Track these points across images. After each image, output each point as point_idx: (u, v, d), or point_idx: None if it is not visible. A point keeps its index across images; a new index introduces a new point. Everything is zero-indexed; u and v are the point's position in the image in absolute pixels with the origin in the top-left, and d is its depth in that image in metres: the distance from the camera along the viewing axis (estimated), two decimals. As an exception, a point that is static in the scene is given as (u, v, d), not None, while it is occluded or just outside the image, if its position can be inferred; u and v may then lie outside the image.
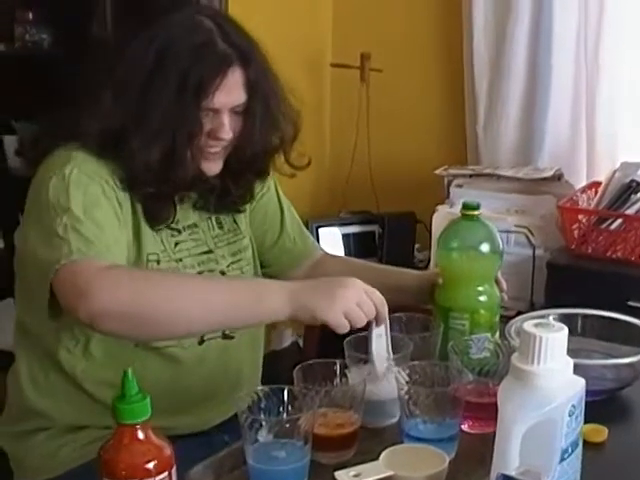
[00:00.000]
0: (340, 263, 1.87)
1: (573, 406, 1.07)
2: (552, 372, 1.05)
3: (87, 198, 1.40)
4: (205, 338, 1.56)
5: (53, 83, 3.42)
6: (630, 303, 2.14)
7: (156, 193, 1.50)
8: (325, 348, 1.40)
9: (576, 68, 2.67)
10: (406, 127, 3.11)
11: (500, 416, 1.07)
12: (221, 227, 1.66)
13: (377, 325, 1.36)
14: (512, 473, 0.97)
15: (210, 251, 1.62)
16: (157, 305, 1.30)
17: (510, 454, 1.05)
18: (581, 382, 1.09)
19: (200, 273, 1.57)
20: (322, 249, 1.90)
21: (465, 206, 1.52)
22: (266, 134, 1.54)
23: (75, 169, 1.42)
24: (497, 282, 1.56)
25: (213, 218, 1.65)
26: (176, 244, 1.56)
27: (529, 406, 1.04)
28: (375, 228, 2.95)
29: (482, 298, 1.51)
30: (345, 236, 2.96)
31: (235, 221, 1.68)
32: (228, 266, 1.63)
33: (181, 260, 1.55)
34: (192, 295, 1.33)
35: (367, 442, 1.30)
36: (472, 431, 1.35)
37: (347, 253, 2.93)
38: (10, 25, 3.44)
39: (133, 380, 1.00)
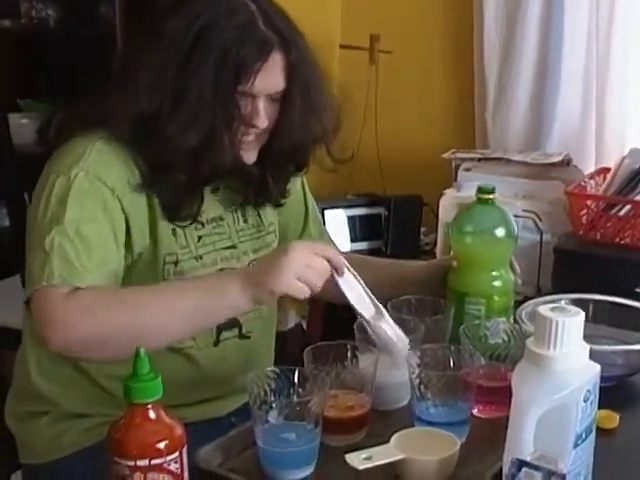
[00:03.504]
0: (353, 262, 1.84)
1: (588, 391, 1.06)
2: (568, 356, 1.04)
3: (84, 213, 1.37)
4: (221, 339, 1.54)
5: (58, 60, 3.41)
6: (638, 290, 2.12)
7: (187, 182, 1.46)
8: (329, 329, 1.38)
9: (587, 54, 2.65)
10: (414, 110, 3.08)
11: (515, 400, 1.07)
12: (246, 221, 1.61)
13: (339, 275, 1.34)
14: (527, 458, 0.96)
15: (234, 246, 1.57)
16: (119, 331, 1.30)
17: (524, 439, 1.04)
18: (596, 367, 1.08)
19: (221, 270, 1.53)
20: (336, 246, 1.88)
21: (480, 190, 1.51)
22: (306, 124, 1.49)
23: (81, 173, 1.38)
24: (511, 266, 1.55)
25: (239, 211, 1.60)
26: (199, 238, 1.52)
27: (544, 390, 1.03)
28: (381, 211, 2.92)
29: (497, 283, 1.50)
30: (351, 218, 2.93)
31: (259, 215, 1.64)
32: (250, 263, 1.58)
33: (202, 257, 1.51)
34: (154, 313, 1.32)
35: (377, 425, 1.30)
36: (482, 415, 1.34)
37: (353, 235, 2.91)
38: (16, 1, 3.42)
39: (145, 359, 0.99)
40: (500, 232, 1.51)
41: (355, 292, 1.36)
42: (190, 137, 1.40)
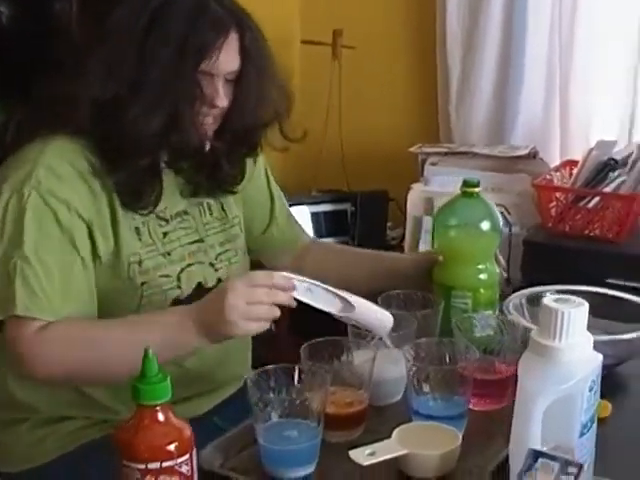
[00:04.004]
0: (328, 250, 1.85)
1: (593, 381, 1.07)
2: (574, 347, 1.05)
3: (41, 233, 1.36)
4: None
5: (12, 59, 3.34)
6: (609, 281, 2.15)
7: (148, 166, 1.45)
8: (296, 321, 1.37)
9: (550, 45, 2.67)
10: (378, 105, 3.09)
11: (520, 391, 1.07)
12: (211, 214, 1.61)
13: (289, 292, 1.33)
14: (540, 448, 0.96)
15: (201, 240, 1.57)
16: (87, 371, 1.37)
17: (532, 430, 1.04)
18: (599, 357, 1.09)
19: (189, 266, 1.53)
20: (309, 236, 1.88)
21: (465, 183, 1.51)
22: (258, 106, 1.50)
23: (33, 191, 1.37)
24: (496, 259, 1.56)
25: (205, 204, 1.60)
26: (165, 234, 1.51)
27: (551, 381, 1.04)
28: (347, 206, 2.93)
29: (483, 276, 1.50)
30: (316, 215, 2.93)
31: (223, 208, 1.63)
32: (217, 257, 1.59)
33: (169, 254, 1.50)
34: (121, 354, 1.33)
35: (374, 420, 1.30)
36: (477, 408, 1.35)
37: (318, 232, 2.91)
38: (-31, -2, 3.34)
39: (154, 360, 0.97)
40: (485, 225, 1.52)
41: (317, 295, 1.34)
42: (154, 119, 1.39)
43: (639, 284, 2.06)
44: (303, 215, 2.92)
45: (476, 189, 1.52)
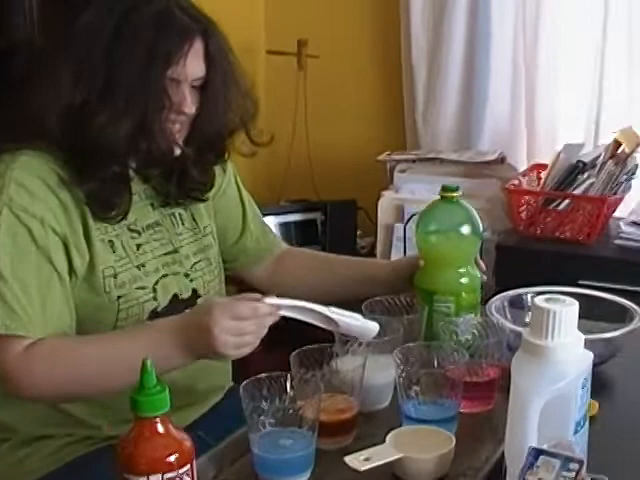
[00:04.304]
0: (305, 258, 1.84)
1: (585, 379, 1.09)
2: (566, 346, 1.06)
3: (16, 249, 1.35)
4: None
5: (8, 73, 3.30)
6: (581, 282, 2.17)
7: (119, 173, 1.45)
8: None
9: (514, 49, 2.71)
10: (344, 113, 3.10)
11: (515, 392, 1.08)
12: (183, 224, 1.61)
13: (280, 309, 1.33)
14: (544, 446, 0.97)
15: (175, 250, 1.56)
16: (74, 388, 1.37)
17: (528, 429, 1.05)
18: (590, 355, 1.10)
19: (164, 277, 1.52)
20: (284, 243, 1.88)
21: (444, 188, 1.52)
22: (226, 111, 1.51)
23: (5, 209, 1.35)
24: (476, 263, 1.57)
25: (176, 214, 1.60)
26: (138, 246, 1.51)
27: (546, 381, 1.05)
28: (317, 216, 2.93)
29: (464, 280, 1.51)
30: (286, 225, 2.94)
31: (194, 218, 1.63)
32: (192, 267, 1.58)
33: (144, 266, 1.50)
34: (106, 373, 1.35)
35: (363, 426, 1.30)
36: (465, 410, 1.35)
37: (288, 242, 2.89)
38: None
39: (152, 371, 0.97)
40: (466, 229, 1.52)
41: (302, 312, 1.35)
42: (122, 126, 1.39)
43: (610, 285, 2.08)
44: (272, 225, 2.92)
45: (455, 194, 1.53)
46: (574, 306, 1.08)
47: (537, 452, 0.96)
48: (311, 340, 1.34)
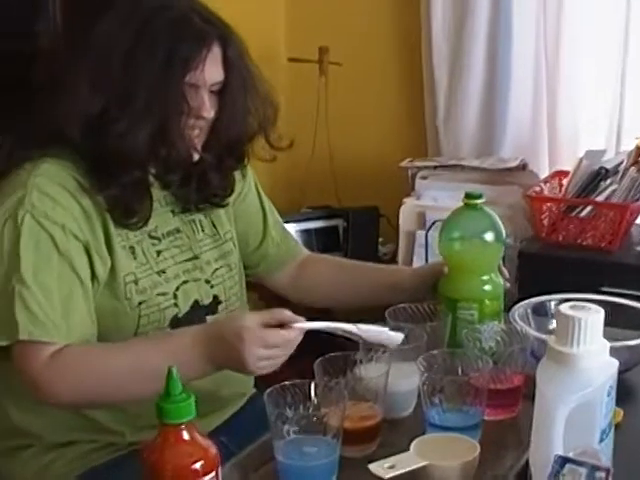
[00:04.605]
0: (327, 264, 1.84)
1: (610, 387, 1.08)
2: (592, 354, 1.06)
3: (38, 256, 1.36)
4: None
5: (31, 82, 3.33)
6: (603, 289, 2.16)
7: (140, 179, 1.46)
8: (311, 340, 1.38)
9: (536, 57, 2.70)
10: (366, 120, 3.11)
11: (540, 399, 1.08)
12: (203, 230, 1.61)
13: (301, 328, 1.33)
14: (570, 454, 0.97)
15: (196, 257, 1.57)
16: (99, 397, 1.38)
17: (554, 437, 1.05)
18: (615, 363, 1.10)
19: (185, 283, 1.53)
20: (306, 250, 1.88)
21: (468, 195, 1.52)
22: (245, 115, 1.52)
23: (27, 215, 1.36)
24: (500, 270, 1.56)
25: (197, 221, 1.60)
26: (158, 253, 1.51)
27: (571, 388, 1.05)
28: (339, 223, 2.94)
29: (488, 287, 1.51)
30: (307, 232, 2.94)
31: (214, 225, 1.63)
32: (213, 273, 1.59)
33: (164, 272, 1.50)
34: (131, 383, 1.36)
35: (387, 434, 1.30)
36: (488, 418, 1.35)
37: (310, 249, 2.90)
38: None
39: (177, 379, 0.97)
40: (489, 237, 1.52)
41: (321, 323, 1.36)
42: (141, 132, 1.40)
43: (633, 292, 2.07)
44: (293, 233, 2.92)
45: (478, 201, 1.52)
46: (599, 314, 1.07)
47: (563, 460, 0.95)
48: (335, 347, 1.34)
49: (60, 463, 1.50)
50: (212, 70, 1.44)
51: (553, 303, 1.55)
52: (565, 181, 2.46)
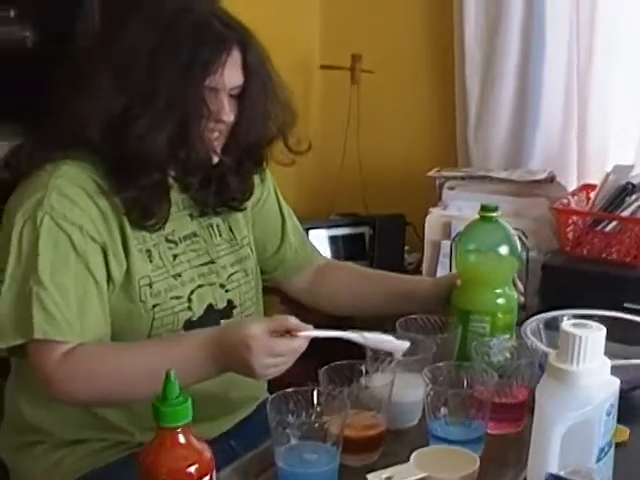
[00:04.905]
0: (345, 271, 1.85)
1: (611, 405, 1.08)
2: (591, 372, 1.06)
3: (56, 256, 1.38)
4: None
5: (36, 82, 3.38)
6: (626, 305, 2.15)
7: (159, 181, 1.47)
8: (324, 347, 1.39)
9: (568, 70, 2.69)
10: (397, 129, 3.11)
11: (539, 416, 1.08)
12: (221, 235, 1.63)
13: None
14: (561, 473, 0.97)
15: (212, 261, 1.58)
16: (110, 397, 1.40)
17: (550, 454, 1.05)
18: (616, 382, 1.10)
19: (200, 287, 1.54)
20: (324, 256, 1.89)
21: (484, 208, 1.52)
22: (264, 120, 1.53)
23: (47, 217, 1.38)
24: (514, 284, 1.56)
25: (214, 225, 1.62)
26: (175, 257, 1.53)
27: (569, 406, 1.05)
28: (365, 230, 2.94)
29: (501, 300, 1.51)
30: (334, 238, 2.95)
31: (231, 230, 1.65)
32: (228, 277, 1.60)
33: (180, 275, 1.52)
34: (141, 383, 1.35)
35: (390, 444, 1.30)
36: (493, 432, 1.35)
37: (336, 255, 2.92)
38: (-7, 22, 3.39)
39: (175, 382, 0.98)
40: (504, 250, 1.52)
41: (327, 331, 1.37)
42: (160, 135, 1.41)
43: (656, 309, 2.05)
44: (321, 239, 2.94)
45: (494, 214, 1.53)
46: (601, 332, 1.07)
47: (554, 478, 0.95)
48: (346, 351, 1.35)
49: (70, 460, 1.52)
50: (232, 74, 1.46)
51: (566, 318, 1.54)
52: (593, 194, 2.45)
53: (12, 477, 1.59)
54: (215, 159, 1.50)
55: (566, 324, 1.07)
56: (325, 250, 2.91)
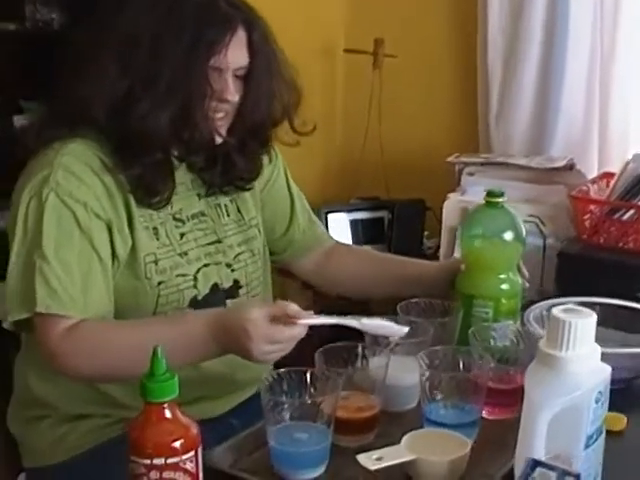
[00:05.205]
0: (354, 254, 1.86)
1: (600, 393, 1.07)
2: (580, 358, 1.05)
3: (60, 232, 1.40)
4: None
5: (54, 63, 3.41)
6: (640, 294, 2.13)
7: (163, 160, 1.49)
8: (336, 330, 1.39)
9: (590, 58, 2.66)
10: (418, 114, 3.09)
11: (526, 401, 1.08)
12: (229, 215, 1.64)
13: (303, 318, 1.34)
14: (542, 458, 0.97)
15: (219, 241, 1.60)
16: (113, 373, 1.41)
17: (536, 440, 1.05)
18: (607, 369, 1.09)
19: (206, 266, 1.56)
20: (333, 238, 1.89)
21: (489, 193, 1.52)
22: (269, 100, 1.54)
23: (52, 193, 1.40)
24: (519, 269, 1.56)
25: (222, 205, 1.63)
26: (182, 235, 1.54)
27: (557, 392, 1.04)
28: (384, 214, 2.94)
29: (505, 286, 1.51)
30: (354, 222, 2.95)
31: (239, 210, 1.66)
32: (235, 257, 1.61)
33: (186, 254, 1.54)
34: (142, 355, 1.31)
35: (387, 426, 1.31)
36: (491, 417, 1.35)
37: (356, 239, 2.93)
38: (21, 4, 3.43)
39: (162, 358, 1.00)
40: (508, 235, 1.52)
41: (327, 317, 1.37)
42: (162, 115, 1.42)
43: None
44: (342, 222, 2.95)
45: (500, 199, 1.52)
46: (591, 318, 1.07)
47: (535, 463, 0.96)
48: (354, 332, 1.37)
49: (74, 436, 1.54)
50: (236, 54, 1.46)
51: (571, 305, 1.53)
52: (612, 183, 2.42)
53: (21, 451, 1.63)
54: (218, 140, 1.51)
55: (556, 310, 1.07)
56: (345, 234, 2.91)
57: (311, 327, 1.33)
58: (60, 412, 1.54)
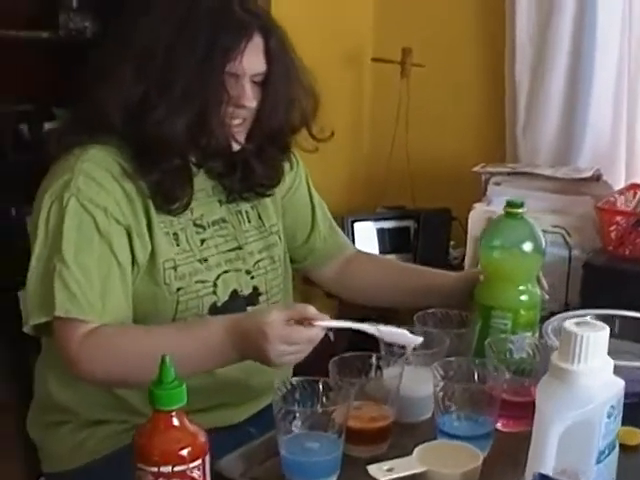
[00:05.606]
0: (375, 263, 1.86)
1: (612, 407, 1.06)
2: (592, 372, 1.05)
3: (80, 237, 1.41)
4: None
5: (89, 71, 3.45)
6: (664, 307, 2.11)
7: (181, 166, 1.50)
8: (356, 339, 1.40)
9: (618, 69, 2.64)
10: (445, 123, 3.08)
11: (538, 415, 1.07)
12: (250, 222, 1.65)
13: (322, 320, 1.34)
14: (549, 473, 0.96)
15: (239, 247, 1.60)
16: (129, 379, 1.41)
17: (547, 454, 1.04)
18: (620, 383, 1.08)
19: (226, 272, 1.56)
20: (354, 247, 1.89)
21: (509, 204, 1.51)
22: (287, 106, 1.54)
23: (73, 198, 1.42)
24: (538, 281, 1.55)
25: (244, 212, 1.64)
26: (202, 241, 1.55)
27: (568, 405, 1.04)
28: (410, 224, 2.94)
29: (524, 297, 1.50)
30: (380, 231, 2.95)
31: (260, 217, 1.66)
32: (255, 264, 1.62)
33: (206, 260, 1.54)
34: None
35: (400, 437, 1.30)
36: (505, 429, 1.34)
37: (382, 248, 2.92)
38: (55, 12, 3.48)
39: (170, 366, 1.00)
40: (528, 247, 1.51)
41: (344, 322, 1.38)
42: (178, 121, 1.43)
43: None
44: (368, 232, 2.94)
45: (520, 210, 1.51)
46: (603, 331, 1.05)
47: (542, 478, 0.94)
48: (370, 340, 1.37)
49: (92, 442, 1.55)
50: (252, 60, 1.47)
51: (589, 318, 1.52)
52: (639, 194, 2.40)
53: (40, 455, 1.64)
54: (236, 146, 1.52)
55: (569, 323, 1.06)
56: (372, 243, 2.91)
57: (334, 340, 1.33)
58: (80, 418, 1.55)
